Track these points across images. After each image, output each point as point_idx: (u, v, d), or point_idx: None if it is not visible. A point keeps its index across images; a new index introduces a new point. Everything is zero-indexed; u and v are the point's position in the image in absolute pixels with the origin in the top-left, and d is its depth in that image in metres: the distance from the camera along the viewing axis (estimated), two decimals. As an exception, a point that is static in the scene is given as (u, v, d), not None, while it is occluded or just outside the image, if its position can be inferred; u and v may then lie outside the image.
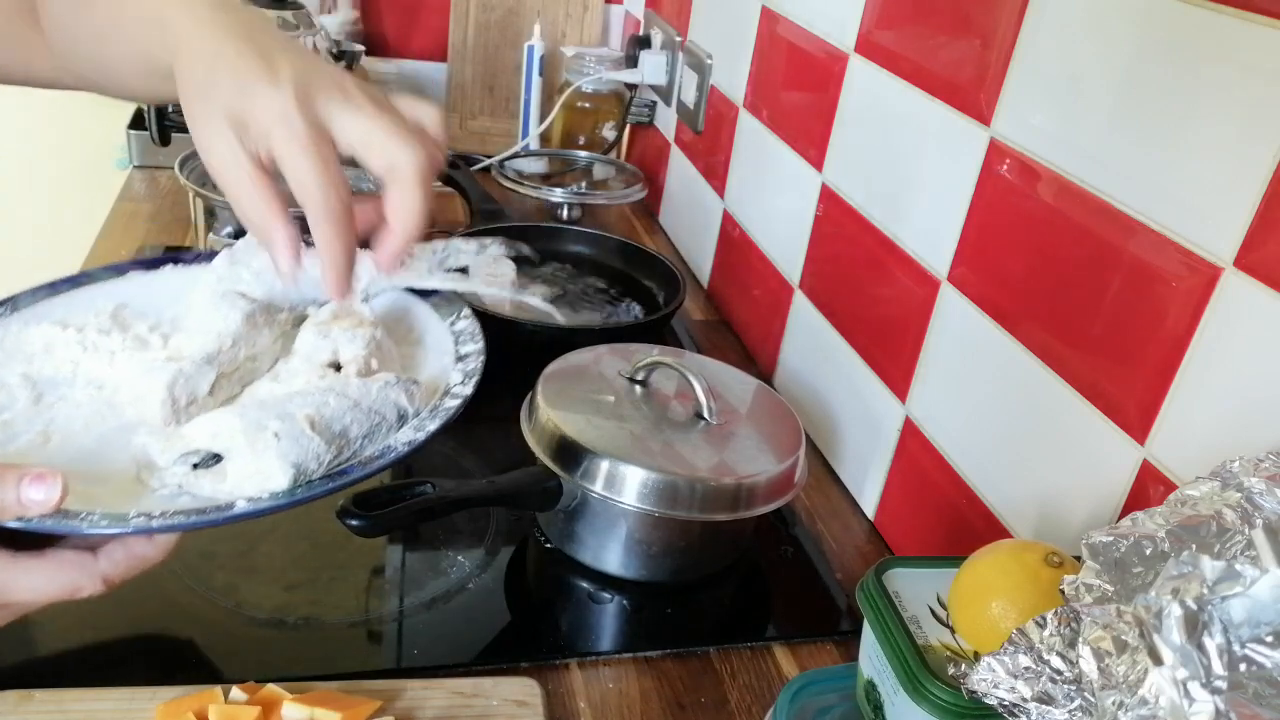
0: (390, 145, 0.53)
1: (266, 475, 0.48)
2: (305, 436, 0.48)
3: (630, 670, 0.68)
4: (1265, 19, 0.50)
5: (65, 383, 0.56)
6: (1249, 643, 0.36)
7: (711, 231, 1.27)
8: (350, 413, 0.51)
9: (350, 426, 0.51)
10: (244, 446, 0.48)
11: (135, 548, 0.47)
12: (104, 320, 0.59)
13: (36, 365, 0.56)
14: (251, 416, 0.48)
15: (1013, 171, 0.69)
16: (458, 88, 1.63)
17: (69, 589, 0.46)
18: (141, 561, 0.48)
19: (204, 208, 1.03)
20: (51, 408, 0.54)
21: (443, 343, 0.61)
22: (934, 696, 0.46)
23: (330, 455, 0.50)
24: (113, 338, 0.58)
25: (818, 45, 0.97)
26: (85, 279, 0.62)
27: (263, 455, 0.47)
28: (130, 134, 1.38)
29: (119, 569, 0.47)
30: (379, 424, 0.52)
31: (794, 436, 0.77)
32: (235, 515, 0.47)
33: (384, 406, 0.53)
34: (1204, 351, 0.54)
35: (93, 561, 0.47)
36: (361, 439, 0.51)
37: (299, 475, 0.48)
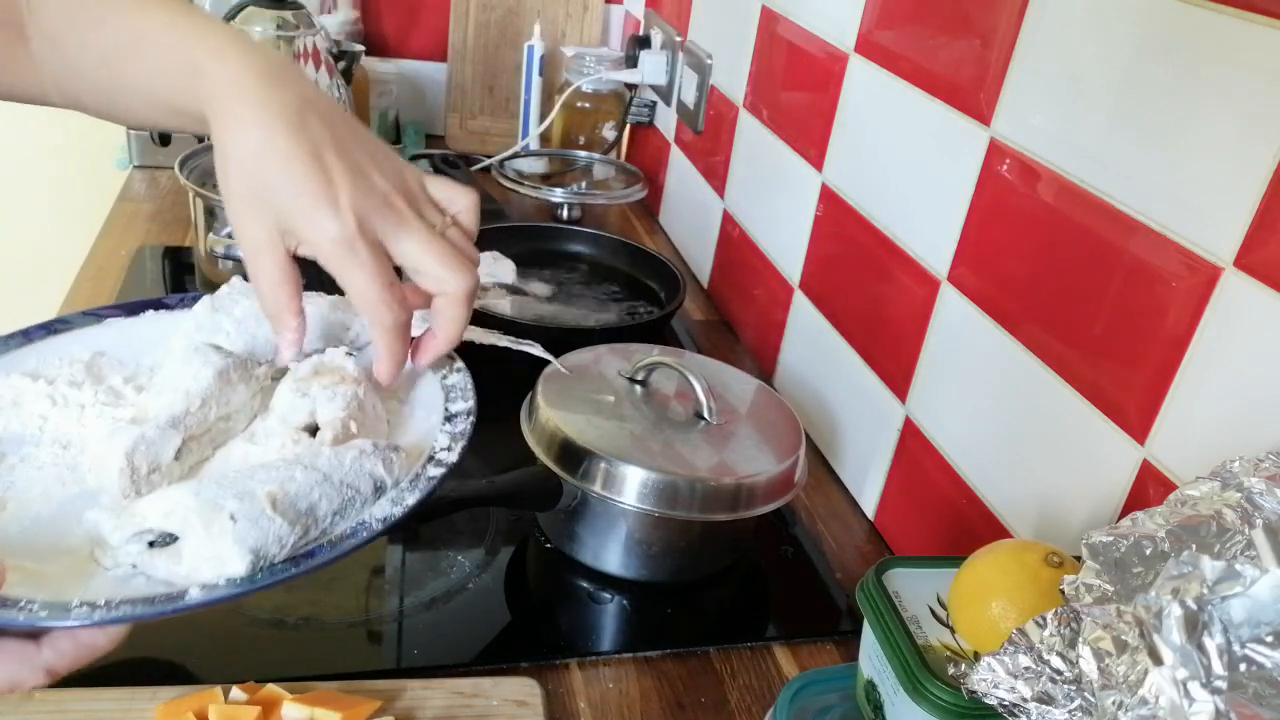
0: (442, 272, 0.54)
1: (222, 560, 0.44)
2: (265, 518, 0.45)
3: (630, 670, 0.68)
4: (1265, 19, 0.50)
5: (31, 441, 0.53)
6: (1249, 643, 0.36)
7: (711, 231, 1.27)
8: (319, 487, 0.47)
9: (319, 503, 0.47)
10: (198, 528, 0.44)
11: (83, 637, 0.44)
12: (78, 371, 0.56)
13: (3, 421, 0.53)
14: (207, 495, 0.45)
15: (1013, 171, 0.69)
16: (458, 88, 1.63)
17: (8, 683, 0.43)
18: (91, 651, 0.44)
19: (204, 207, 1.03)
20: (13, 470, 0.51)
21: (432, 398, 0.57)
22: (934, 696, 0.46)
23: (295, 536, 0.46)
24: (84, 390, 0.55)
25: (818, 45, 0.97)
26: (62, 325, 0.59)
27: (218, 539, 0.44)
28: (130, 134, 1.38)
29: (65, 659, 0.43)
30: (352, 498, 0.48)
31: (794, 436, 0.77)
32: (187, 605, 0.44)
33: (358, 479, 0.49)
34: (1204, 351, 0.54)
35: (35, 653, 0.43)
36: (332, 515, 0.48)
37: (258, 560, 0.45)
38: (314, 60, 1.23)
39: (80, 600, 0.43)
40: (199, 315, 0.59)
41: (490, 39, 1.62)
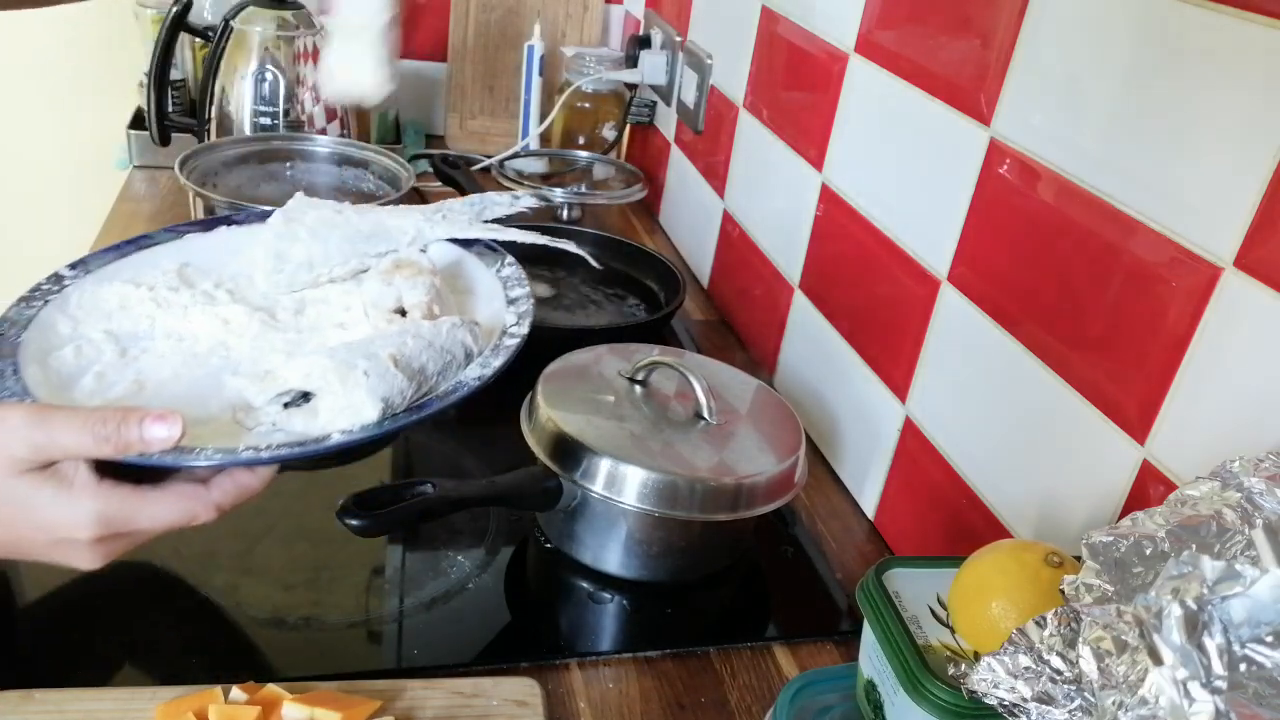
0: None
1: (357, 409, 0.52)
2: (390, 373, 0.53)
3: (630, 670, 0.68)
4: (1265, 19, 0.50)
5: (145, 336, 0.60)
6: (1249, 643, 0.36)
7: (711, 231, 1.27)
8: (426, 351, 0.55)
9: (427, 364, 0.55)
10: (336, 384, 0.52)
11: (241, 478, 0.53)
12: (171, 278, 0.63)
13: (115, 321, 0.61)
14: (341, 356, 0.53)
15: (1013, 171, 0.69)
16: (458, 88, 1.63)
17: (187, 516, 0.51)
18: (246, 491, 0.53)
19: (204, 208, 1.03)
20: (137, 360, 0.59)
21: (492, 288, 0.66)
22: (934, 696, 0.46)
23: (412, 390, 0.54)
24: (181, 294, 0.63)
25: (818, 45, 0.97)
26: (147, 240, 0.67)
27: (354, 391, 0.52)
28: (130, 134, 1.38)
29: (229, 497, 0.52)
30: (450, 361, 0.57)
31: (794, 436, 0.77)
32: (331, 446, 0.52)
33: (453, 346, 0.57)
34: (1204, 351, 0.54)
35: (205, 491, 0.52)
36: (436, 375, 0.56)
37: (387, 408, 0.52)
38: (314, 60, 1.23)
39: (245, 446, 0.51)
40: (275, 225, 0.66)
41: (490, 39, 1.62)
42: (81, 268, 0.63)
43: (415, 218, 0.67)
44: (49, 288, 0.61)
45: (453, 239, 0.69)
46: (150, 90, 1.24)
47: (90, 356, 0.58)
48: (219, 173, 1.11)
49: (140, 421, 0.47)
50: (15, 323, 0.58)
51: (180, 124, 1.28)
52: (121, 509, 0.49)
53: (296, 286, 0.65)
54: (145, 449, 0.47)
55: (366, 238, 0.66)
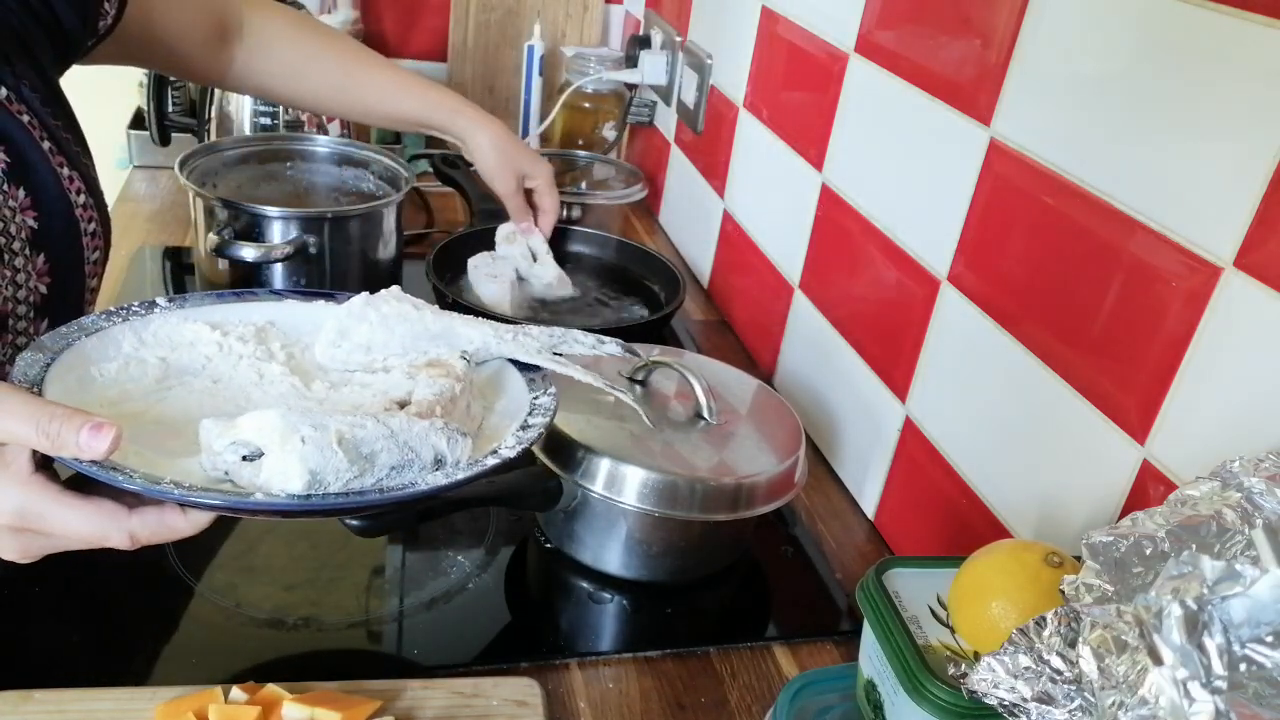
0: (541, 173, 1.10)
1: (287, 475, 0.50)
2: (330, 449, 0.51)
3: (630, 670, 0.68)
4: (1265, 19, 0.50)
5: (193, 374, 0.61)
6: (1249, 643, 0.36)
7: (711, 231, 1.27)
8: (384, 440, 0.53)
9: (380, 453, 0.52)
10: (276, 443, 0.51)
11: (168, 515, 0.51)
12: (249, 331, 0.64)
13: (177, 354, 0.61)
14: (291, 419, 0.51)
15: (1013, 171, 0.69)
16: (458, 88, 1.63)
17: (99, 534, 0.50)
18: (171, 530, 0.51)
19: (204, 207, 1.03)
20: (170, 390, 0.59)
21: (517, 410, 0.63)
22: (934, 696, 0.46)
23: (351, 474, 0.52)
24: (248, 345, 0.63)
25: (818, 45, 0.97)
26: (250, 295, 0.68)
27: (288, 456, 0.50)
28: (130, 134, 1.38)
29: (147, 529, 0.51)
30: (411, 460, 0.54)
31: (794, 436, 0.77)
32: (248, 505, 0.50)
33: (420, 446, 0.54)
34: (1204, 351, 0.54)
35: (125, 516, 0.50)
36: (389, 469, 0.53)
37: (314, 483, 0.50)
38: (314, 60, 1.23)
39: (170, 479, 0.49)
40: (353, 305, 0.66)
41: (490, 39, 1.62)
42: (178, 302, 0.65)
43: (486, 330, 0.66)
44: (137, 310, 0.62)
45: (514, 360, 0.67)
46: (150, 90, 1.24)
47: (132, 375, 0.59)
48: (219, 173, 1.11)
49: (81, 426, 0.47)
50: (85, 329, 0.59)
51: (180, 124, 1.28)
52: (39, 505, 0.49)
53: (351, 366, 0.65)
54: (78, 454, 0.47)
55: (432, 337, 0.65)
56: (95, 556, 0.51)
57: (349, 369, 0.65)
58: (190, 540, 0.53)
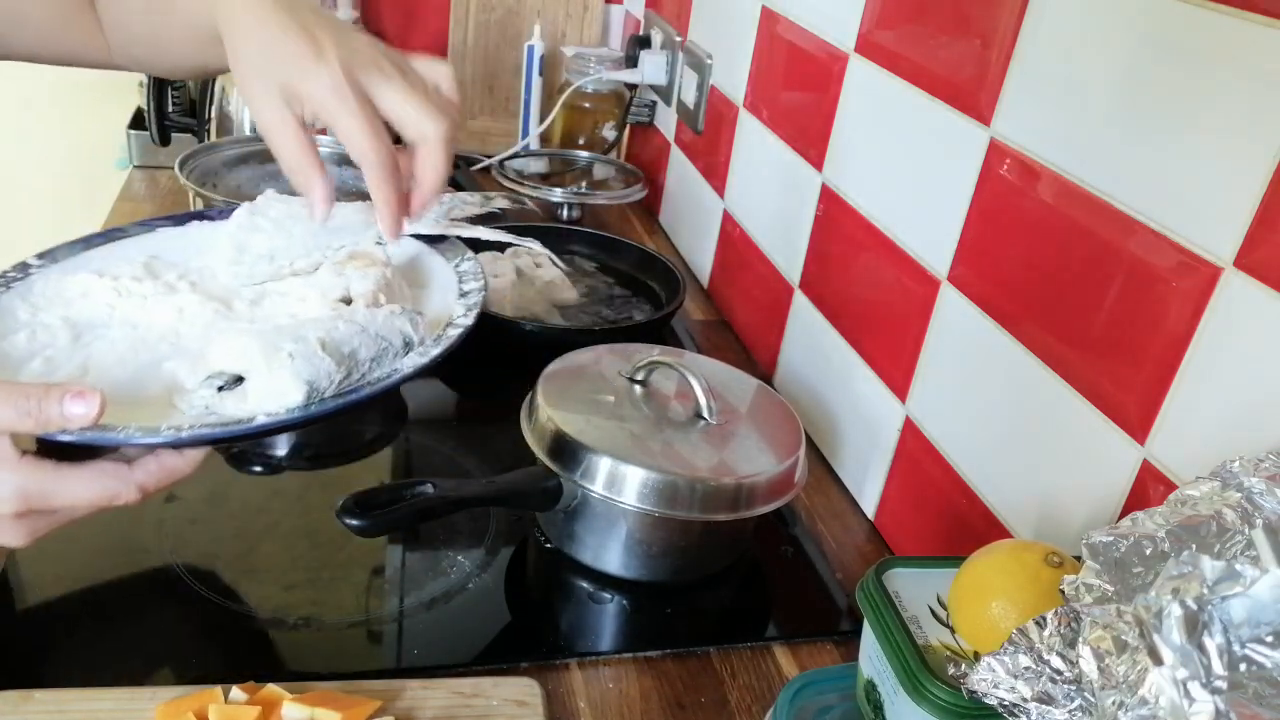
0: (422, 117, 0.62)
1: (283, 392, 0.51)
2: (317, 357, 0.52)
3: (630, 670, 0.68)
4: (1265, 19, 0.50)
5: (102, 324, 0.60)
6: (1249, 643, 0.36)
7: (711, 231, 1.27)
8: (359, 336, 0.55)
9: (359, 349, 0.54)
10: (262, 366, 0.51)
11: (167, 460, 0.52)
12: (137, 269, 0.63)
13: (75, 309, 0.60)
14: (268, 339, 0.52)
15: (1013, 171, 0.69)
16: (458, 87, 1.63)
17: (107, 496, 0.50)
18: (172, 473, 0.52)
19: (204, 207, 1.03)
20: (89, 345, 0.58)
21: (448, 282, 0.65)
22: (934, 696, 0.46)
23: (341, 375, 0.53)
24: (145, 285, 0.62)
25: (818, 45, 0.97)
26: (118, 234, 0.66)
27: (279, 374, 0.51)
28: (130, 134, 1.38)
29: (152, 478, 0.51)
30: (385, 349, 0.56)
31: (794, 436, 0.77)
32: (255, 428, 0.51)
33: (390, 333, 0.56)
34: (1204, 351, 0.54)
35: (128, 471, 0.51)
36: (369, 362, 0.55)
37: (312, 392, 0.52)
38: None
39: (167, 425, 0.50)
40: (239, 218, 0.66)
41: (490, 39, 1.62)
42: (49, 257, 0.63)
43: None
44: (14, 275, 0.61)
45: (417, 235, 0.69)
46: (150, 90, 1.24)
47: (43, 341, 0.58)
48: (219, 173, 1.11)
49: (61, 398, 0.47)
50: None
51: (180, 124, 1.28)
52: (41, 485, 0.49)
53: (257, 279, 0.65)
54: (65, 425, 0.47)
55: (331, 232, 0.66)
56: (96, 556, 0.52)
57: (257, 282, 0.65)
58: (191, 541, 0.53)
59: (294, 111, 0.60)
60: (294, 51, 0.59)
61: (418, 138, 0.63)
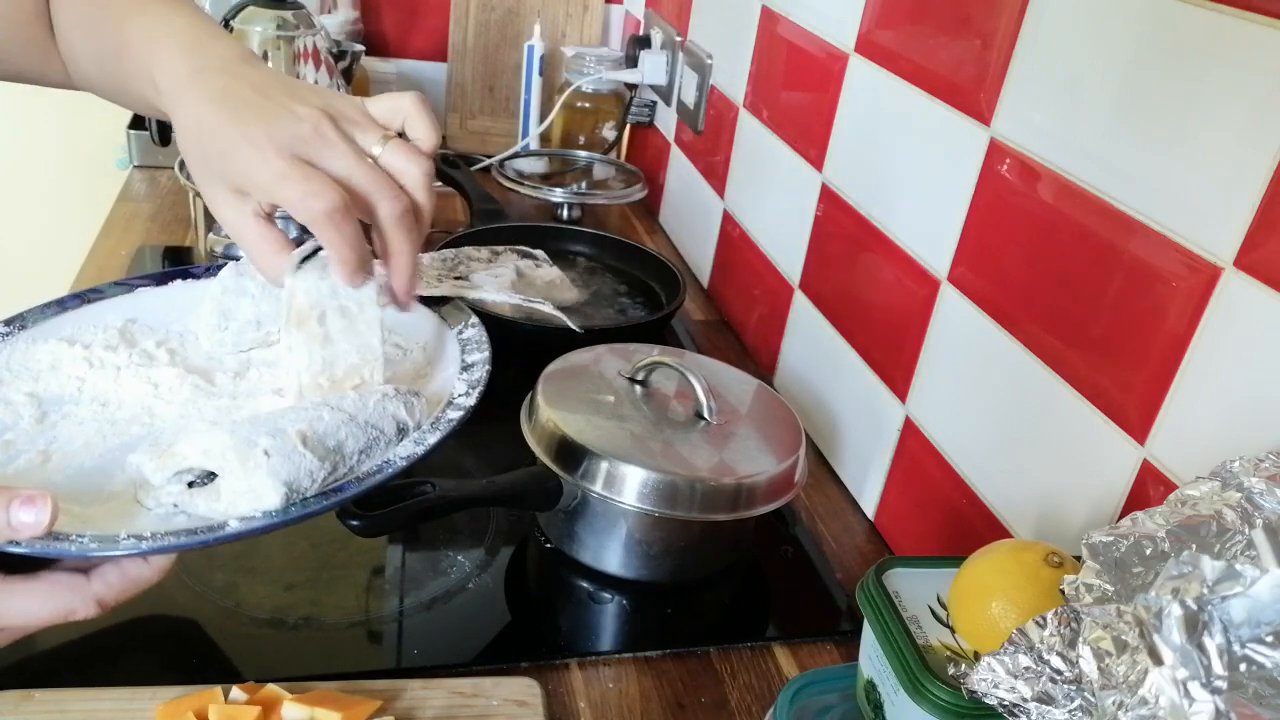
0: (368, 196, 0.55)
1: (259, 494, 0.47)
2: (297, 453, 0.47)
3: (630, 670, 0.68)
4: (1265, 19, 0.50)
5: (70, 400, 0.56)
6: (1249, 643, 0.36)
7: (711, 231, 1.27)
8: (345, 427, 0.50)
9: (346, 441, 0.50)
10: (235, 464, 0.47)
11: (130, 569, 0.47)
12: (112, 336, 0.59)
13: (43, 383, 0.56)
14: (242, 433, 0.47)
15: (1013, 171, 0.69)
16: (458, 88, 1.63)
17: (62, 612, 0.46)
18: (136, 583, 0.47)
19: (204, 208, 1.03)
20: (55, 426, 0.54)
21: (450, 352, 0.60)
22: (934, 696, 0.46)
23: (324, 472, 0.48)
24: (119, 353, 0.58)
25: (818, 45, 0.97)
26: (95, 295, 0.62)
27: (254, 473, 0.46)
28: (130, 134, 1.38)
29: (113, 591, 0.46)
30: (376, 438, 0.51)
31: (794, 436, 0.77)
32: (227, 535, 0.46)
33: (382, 420, 0.51)
34: (1204, 351, 0.54)
35: (85, 584, 0.46)
36: (358, 454, 0.50)
37: (291, 494, 0.47)
38: (314, 60, 1.23)
39: (127, 533, 0.45)
40: (225, 279, 0.62)
41: (490, 39, 1.62)
42: (17, 323, 0.59)
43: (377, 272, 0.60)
44: None
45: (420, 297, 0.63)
46: (150, 90, 1.24)
47: (5, 421, 0.53)
48: (219, 173, 1.11)
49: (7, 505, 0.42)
50: None
51: (180, 124, 1.28)
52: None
53: (243, 346, 0.60)
54: (13, 535, 0.43)
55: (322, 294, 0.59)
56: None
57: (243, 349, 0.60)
58: None
59: (250, 206, 0.56)
60: (227, 146, 0.54)
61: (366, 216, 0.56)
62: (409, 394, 0.54)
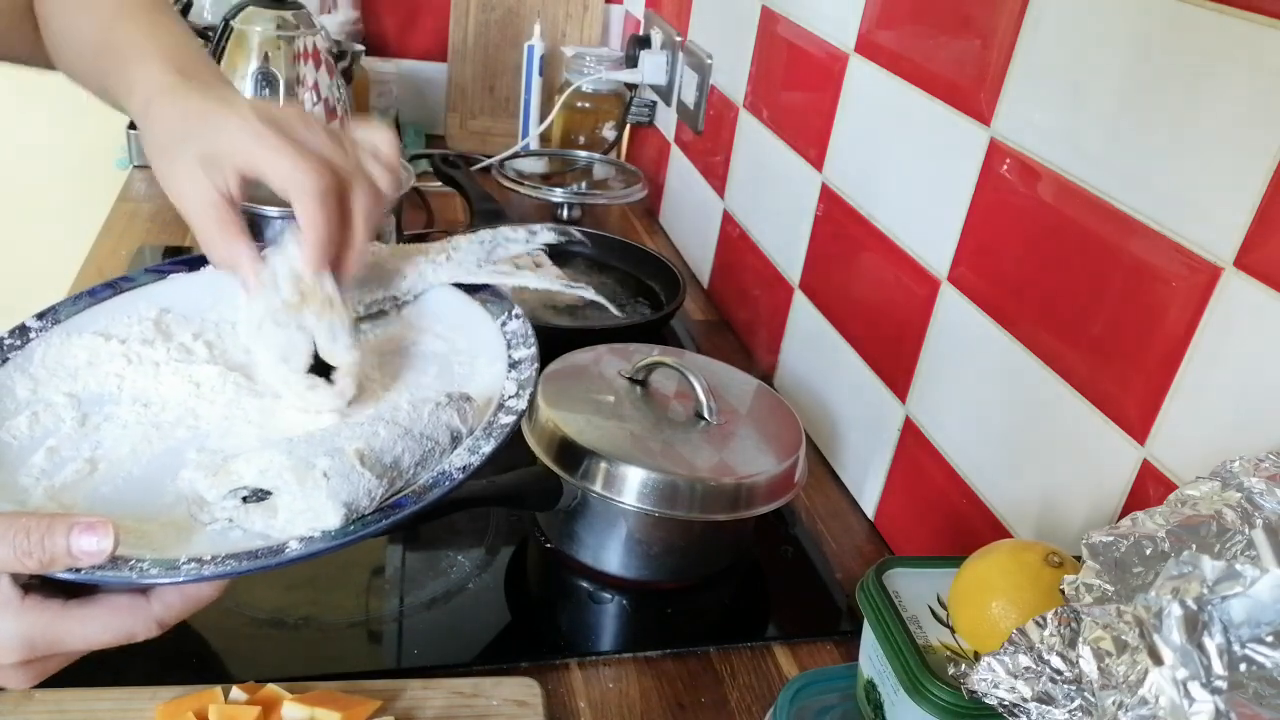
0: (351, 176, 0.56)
1: (318, 514, 0.46)
2: (355, 473, 0.46)
3: (630, 670, 0.68)
4: (1265, 19, 0.50)
5: (111, 400, 0.54)
6: (1249, 643, 0.36)
7: (711, 231, 1.27)
8: (401, 441, 0.49)
9: (402, 456, 0.48)
10: (293, 484, 0.46)
11: (189, 589, 0.46)
12: (148, 328, 0.58)
13: (81, 381, 0.55)
14: (300, 453, 0.47)
15: (1013, 171, 0.69)
16: (458, 88, 1.63)
17: (123, 635, 0.45)
18: (194, 602, 0.46)
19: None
20: (98, 429, 0.53)
21: (494, 347, 0.58)
22: (934, 696, 0.46)
23: (383, 489, 0.47)
24: (157, 348, 0.56)
25: (818, 45, 0.97)
26: (127, 283, 0.60)
27: (313, 494, 0.46)
28: (130, 134, 1.38)
29: (173, 612, 0.46)
30: (432, 450, 0.50)
31: (794, 436, 0.77)
32: (288, 559, 0.45)
33: (436, 431, 0.50)
34: (1204, 351, 0.54)
35: (146, 605, 0.45)
36: (414, 467, 0.49)
37: (350, 513, 0.46)
38: (314, 60, 1.23)
39: (187, 557, 0.44)
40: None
41: (490, 39, 1.62)
42: (50, 317, 0.57)
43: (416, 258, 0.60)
44: (11, 342, 0.55)
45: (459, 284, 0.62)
46: (150, 90, 1.24)
47: (47, 426, 0.52)
48: (219, 173, 1.10)
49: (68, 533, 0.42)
50: None
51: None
52: (47, 631, 0.43)
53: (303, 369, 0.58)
54: (73, 564, 0.42)
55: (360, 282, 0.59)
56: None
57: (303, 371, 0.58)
58: None
59: (215, 182, 0.54)
60: (201, 112, 0.55)
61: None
62: (461, 399, 0.52)
